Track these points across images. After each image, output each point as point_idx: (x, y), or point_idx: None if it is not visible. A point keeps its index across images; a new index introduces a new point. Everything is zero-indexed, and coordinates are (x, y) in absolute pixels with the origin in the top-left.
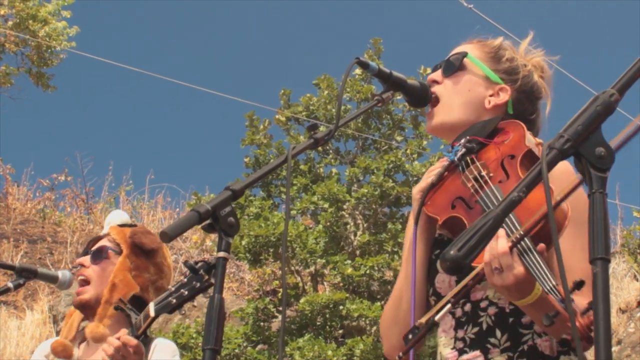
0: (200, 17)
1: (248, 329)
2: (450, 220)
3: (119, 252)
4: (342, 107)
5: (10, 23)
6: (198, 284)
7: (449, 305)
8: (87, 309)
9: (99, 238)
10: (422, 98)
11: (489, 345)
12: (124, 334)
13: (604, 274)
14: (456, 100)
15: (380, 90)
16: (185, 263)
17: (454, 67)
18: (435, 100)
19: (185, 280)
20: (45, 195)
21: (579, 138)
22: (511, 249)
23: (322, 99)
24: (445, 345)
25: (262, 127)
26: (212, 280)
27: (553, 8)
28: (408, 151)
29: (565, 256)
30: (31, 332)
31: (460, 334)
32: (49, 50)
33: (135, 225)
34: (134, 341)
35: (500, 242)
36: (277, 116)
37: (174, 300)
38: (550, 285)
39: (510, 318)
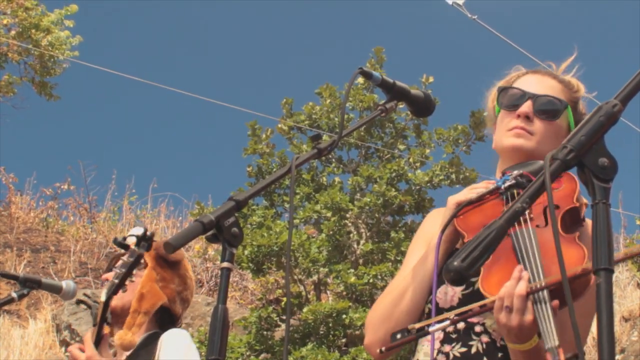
0: (203, 27)
1: (251, 338)
2: None
3: (144, 265)
4: (345, 116)
5: (13, 32)
6: (131, 259)
7: (446, 322)
8: (115, 317)
9: (122, 254)
10: (426, 108)
11: None
12: (87, 339)
13: (607, 284)
14: (546, 145)
15: (382, 99)
16: (114, 240)
17: (553, 116)
18: (520, 134)
19: (124, 259)
20: (48, 204)
21: (582, 148)
22: (528, 294)
23: (324, 108)
24: (426, 355)
25: (264, 136)
26: (141, 251)
27: (558, 18)
28: (411, 160)
29: (563, 311)
30: (34, 341)
31: (446, 348)
32: (52, 60)
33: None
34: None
35: (520, 285)
36: (279, 125)
37: (116, 280)
38: (553, 344)
39: (500, 353)
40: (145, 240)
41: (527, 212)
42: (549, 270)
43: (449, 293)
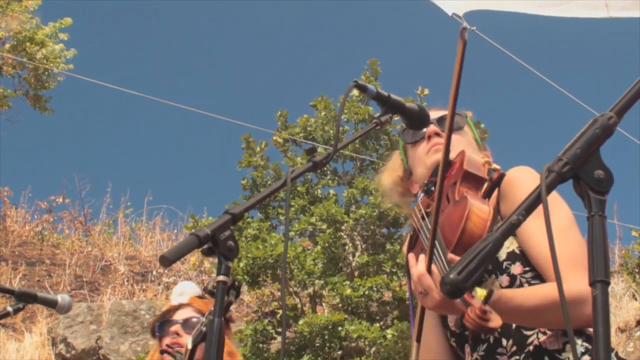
0: (197, 40)
1: (247, 351)
2: None
3: None
4: (340, 129)
5: (7, 46)
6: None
7: (415, 345)
8: None
9: (178, 307)
10: (421, 121)
11: (497, 356)
12: None
13: (604, 296)
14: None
15: (377, 111)
16: (205, 289)
17: (458, 126)
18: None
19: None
20: (44, 217)
21: (578, 161)
22: (429, 268)
23: (319, 120)
24: None
25: (258, 149)
26: (232, 299)
27: (556, 29)
28: None
29: (542, 247)
30: (30, 354)
31: (475, 356)
32: (47, 73)
33: (206, 297)
34: None
35: (419, 265)
36: (274, 138)
37: (204, 328)
38: None
39: (513, 324)
40: (234, 288)
41: (430, 209)
42: (448, 240)
43: (456, 317)
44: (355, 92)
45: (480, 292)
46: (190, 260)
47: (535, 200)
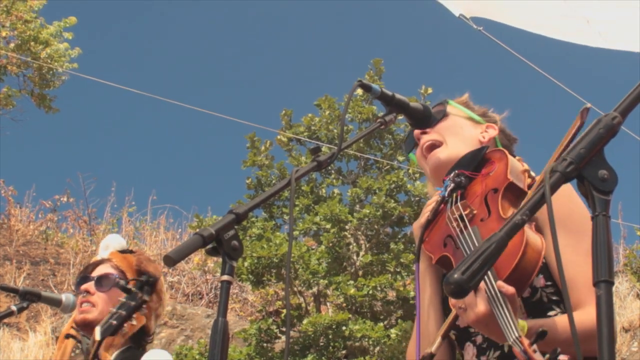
0: (201, 39)
1: (251, 350)
2: (443, 258)
3: (125, 281)
4: (344, 128)
5: (12, 45)
6: (133, 303)
7: (439, 340)
8: (91, 329)
9: (99, 263)
10: (425, 120)
11: None
12: None
13: (608, 296)
14: (455, 139)
15: (381, 111)
16: (117, 284)
17: (440, 115)
18: (430, 147)
19: (123, 300)
20: (48, 216)
21: (582, 161)
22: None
23: (323, 119)
24: None
25: (263, 148)
26: (146, 297)
27: None
28: (410, 171)
29: (568, 267)
30: (34, 353)
31: (483, 359)
32: (51, 72)
33: (133, 252)
34: None
35: None
36: (278, 137)
37: (115, 322)
38: (514, 337)
39: None
40: (148, 285)
41: (467, 212)
42: (497, 267)
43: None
44: (360, 91)
45: (522, 323)
46: (194, 260)
47: (540, 200)
